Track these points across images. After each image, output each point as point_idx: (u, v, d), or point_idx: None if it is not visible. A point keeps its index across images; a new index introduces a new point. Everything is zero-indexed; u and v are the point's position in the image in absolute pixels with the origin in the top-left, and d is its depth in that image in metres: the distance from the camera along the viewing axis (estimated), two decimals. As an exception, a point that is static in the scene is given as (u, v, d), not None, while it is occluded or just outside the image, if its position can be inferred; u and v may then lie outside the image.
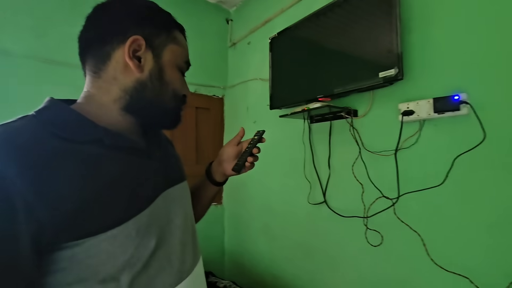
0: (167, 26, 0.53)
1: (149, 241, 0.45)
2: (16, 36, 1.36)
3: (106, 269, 0.39)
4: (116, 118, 0.49)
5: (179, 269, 0.50)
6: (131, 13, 0.50)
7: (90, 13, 0.50)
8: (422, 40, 1.01)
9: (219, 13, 2.21)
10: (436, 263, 0.94)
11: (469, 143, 0.88)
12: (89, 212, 0.38)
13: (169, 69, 0.53)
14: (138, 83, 0.49)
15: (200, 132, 2.09)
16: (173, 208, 0.53)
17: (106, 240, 0.39)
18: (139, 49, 0.48)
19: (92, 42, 0.49)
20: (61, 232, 0.35)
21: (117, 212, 0.41)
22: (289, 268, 1.55)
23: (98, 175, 0.41)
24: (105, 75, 0.48)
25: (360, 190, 1.18)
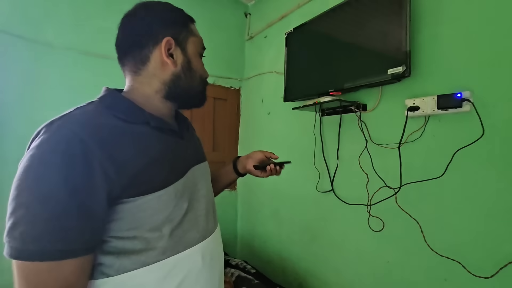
0: (185, 22, 0.62)
1: (183, 203, 0.56)
2: (58, 29, 1.52)
3: (152, 221, 0.51)
4: (157, 105, 0.61)
5: (204, 228, 0.62)
6: (157, 18, 0.59)
7: (121, 24, 0.59)
8: (430, 39, 1.06)
9: (238, 7, 2.28)
10: (431, 248, 1.02)
11: (469, 139, 0.93)
12: (143, 177, 0.49)
13: (194, 59, 0.63)
14: (174, 75, 0.60)
15: (217, 122, 2.21)
16: (199, 181, 0.65)
17: (153, 199, 0.50)
18: (171, 48, 0.59)
19: (130, 49, 0.58)
20: (124, 190, 0.47)
21: (161, 179, 0.53)
22: (296, 250, 1.66)
23: (149, 149, 0.52)
24: (145, 73, 0.59)
25: (365, 180, 1.26)
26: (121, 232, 0.49)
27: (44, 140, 0.44)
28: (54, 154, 0.42)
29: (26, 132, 0.47)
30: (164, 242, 0.52)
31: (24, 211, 0.41)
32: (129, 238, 0.49)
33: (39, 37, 1.48)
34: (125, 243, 0.49)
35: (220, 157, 2.23)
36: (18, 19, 1.43)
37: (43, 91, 1.48)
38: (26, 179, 0.42)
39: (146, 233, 0.50)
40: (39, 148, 0.43)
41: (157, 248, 0.51)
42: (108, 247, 0.48)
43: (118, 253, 0.49)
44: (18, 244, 0.40)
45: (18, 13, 1.44)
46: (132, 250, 0.49)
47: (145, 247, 0.50)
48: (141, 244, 0.50)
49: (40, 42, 1.48)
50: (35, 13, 1.47)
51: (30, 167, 0.42)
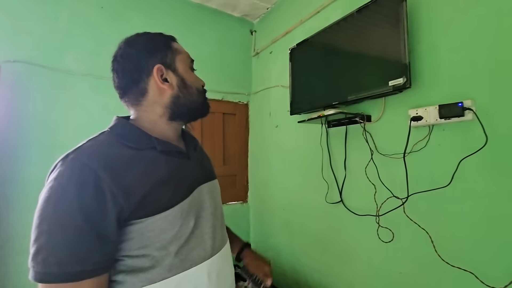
0: (167, 44, 0.66)
1: (189, 221, 0.60)
2: (76, 57, 1.64)
3: (160, 240, 0.55)
4: (164, 128, 0.66)
5: (211, 246, 0.64)
6: (142, 51, 0.62)
7: (113, 67, 0.64)
8: (429, 50, 1.08)
9: (244, 25, 2.38)
10: (443, 259, 1.00)
11: (474, 147, 0.94)
12: (150, 199, 0.54)
13: (186, 75, 0.66)
14: (173, 97, 0.64)
15: (227, 136, 2.28)
16: (207, 199, 0.67)
17: (160, 219, 0.55)
18: (163, 73, 0.63)
19: (128, 87, 0.63)
20: (132, 213, 0.52)
21: (167, 200, 0.57)
22: (308, 262, 1.66)
23: (155, 173, 0.57)
24: (146, 103, 0.64)
25: (373, 190, 1.26)
26: (132, 251, 0.53)
27: (61, 172, 0.49)
28: (69, 185, 0.48)
29: (49, 156, 0.53)
30: (170, 260, 0.56)
31: (46, 238, 0.46)
32: (139, 256, 0.54)
33: (59, 65, 1.60)
34: (135, 261, 0.53)
35: (230, 171, 2.28)
36: (40, 50, 1.56)
37: (63, 116, 1.59)
38: (46, 209, 0.47)
39: (154, 252, 0.54)
40: (56, 180, 0.49)
41: (163, 266, 0.55)
42: (120, 266, 0.53)
43: (128, 271, 0.53)
44: (41, 269, 0.45)
45: (40, 45, 1.57)
46: (140, 268, 0.53)
47: (153, 265, 0.54)
48: (149, 262, 0.54)
49: (60, 70, 1.60)
50: (55, 43, 1.60)
51: (49, 198, 0.48)
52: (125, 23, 1.81)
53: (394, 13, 1.12)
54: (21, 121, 1.50)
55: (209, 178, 0.73)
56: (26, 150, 1.49)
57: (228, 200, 2.25)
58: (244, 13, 2.27)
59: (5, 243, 1.43)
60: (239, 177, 2.32)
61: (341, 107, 1.40)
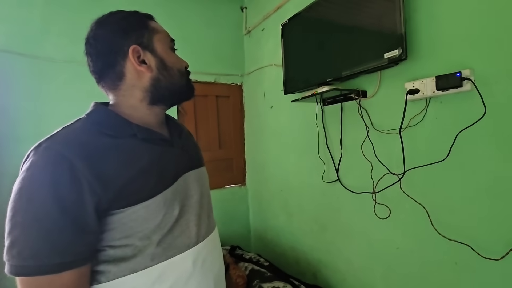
0: (143, 23, 0.61)
1: (173, 210, 0.58)
2: (57, 44, 1.57)
3: (143, 229, 0.53)
4: (144, 113, 0.62)
5: (196, 234, 0.63)
6: (115, 31, 0.58)
7: (86, 50, 0.60)
8: (426, 19, 1.02)
9: (234, 2, 2.26)
10: (439, 233, 1.00)
11: (472, 119, 0.90)
12: (130, 189, 0.52)
13: (166, 55, 0.62)
14: (153, 80, 0.60)
15: (222, 119, 2.23)
16: (192, 187, 0.65)
17: (142, 209, 0.53)
18: (140, 55, 0.59)
19: (103, 71, 0.59)
20: (112, 203, 0.50)
21: (149, 189, 0.54)
22: (307, 241, 1.68)
23: (135, 162, 0.54)
24: (124, 87, 0.60)
25: (369, 167, 1.24)
26: (114, 241, 0.51)
27: (33, 162, 0.47)
28: (43, 175, 0.45)
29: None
30: (152, 249, 0.54)
31: (20, 230, 0.44)
32: (121, 246, 0.52)
33: (39, 52, 1.53)
34: (117, 251, 0.52)
35: (227, 154, 2.26)
36: (17, 37, 1.49)
37: (47, 105, 1.55)
38: (19, 200, 0.45)
39: (137, 241, 0.53)
40: (29, 170, 0.46)
41: (145, 255, 0.54)
42: (102, 256, 0.51)
43: (110, 261, 0.52)
44: (17, 262, 0.43)
45: (17, 32, 1.49)
46: (122, 258, 0.52)
47: (135, 254, 0.53)
48: (131, 251, 0.52)
49: (40, 57, 1.53)
50: (33, 30, 1.53)
51: (22, 189, 0.45)
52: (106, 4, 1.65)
53: (389, -21, 1.05)
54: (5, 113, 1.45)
55: (196, 166, 0.70)
56: (10, 142, 1.46)
57: (226, 184, 2.25)
58: (233, -12, 2.16)
59: None
60: (236, 160, 2.31)
61: (335, 84, 1.35)
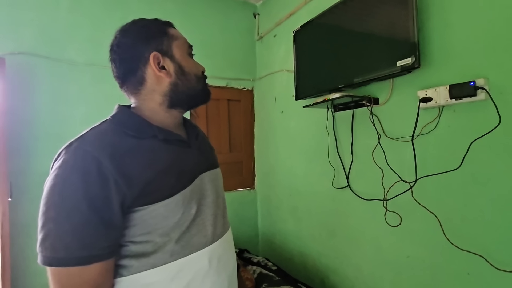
0: (163, 30, 0.64)
1: (191, 209, 0.60)
2: (79, 48, 1.64)
3: (163, 226, 0.56)
4: (164, 116, 0.65)
5: (212, 233, 0.65)
6: (137, 39, 0.61)
7: (110, 57, 0.64)
8: (440, 27, 1.03)
9: (247, 8, 2.31)
10: (451, 243, 0.99)
11: (485, 128, 0.90)
12: (151, 187, 0.54)
13: (184, 61, 0.65)
14: (171, 85, 0.63)
15: (232, 123, 2.26)
16: (208, 188, 0.68)
17: (162, 206, 0.55)
18: (160, 61, 0.62)
19: (126, 77, 0.63)
20: (135, 200, 0.52)
21: (169, 188, 0.57)
22: (315, 246, 1.68)
23: (156, 162, 0.57)
24: (145, 91, 0.63)
25: (380, 174, 1.24)
26: (135, 237, 0.54)
27: (65, 160, 0.50)
28: (73, 173, 0.49)
29: (57, 147, 0.54)
30: (171, 246, 0.57)
31: (53, 224, 0.47)
32: (142, 242, 0.55)
33: (63, 56, 1.60)
34: (138, 247, 0.54)
35: (237, 158, 2.28)
36: (43, 40, 1.57)
37: (69, 107, 1.61)
38: (52, 196, 0.48)
39: (157, 238, 0.55)
40: (60, 168, 0.50)
41: (165, 251, 0.56)
42: (124, 251, 0.54)
43: (132, 256, 0.54)
44: (50, 253, 0.47)
45: (42, 35, 1.57)
46: (143, 253, 0.55)
47: (155, 250, 0.55)
48: (152, 247, 0.55)
49: (63, 60, 1.60)
50: (57, 33, 1.60)
51: (55, 186, 0.49)
52: (126, 10, 1.78)
53: (402, -12, 1.06)
54: (28, 114, 1.52)
55: (211, 167, 0.73)
56: (34, 142, 1.52)
57: (235, 187, 2.27)
58: (246, -5, 2.20)
59: (21, 230, 1.49)
60: (246, 163, 2.33)
61: (347, 90, 1.36)
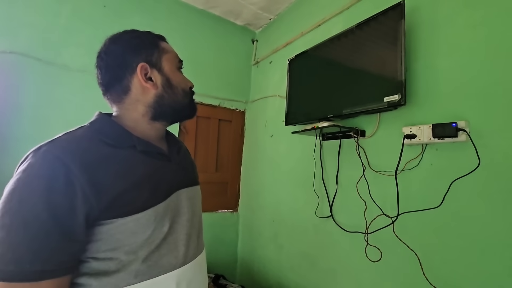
0: (154, 43, 0.64)
1: (163, 226, 0.57)
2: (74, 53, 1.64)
3: (130, 243, 0.52)
4: (146, 128, 0.64)
5: (184, 254, 0.61)
6: (127, 48, 0.61)
7: (97, 63, 0.62)
8: (426, 69, 1.08)
9: (246, 34, 2.39)
10: (430, 282, 0.97)
11: (466, 169, 0.92)
12: (123, 200, 0.51)
13: (172, 75, 0.65)
14: (157, 97, 0.63)
15: (221, 143, 2.25)
16: (184, 205, 0.65)
17: (132, 221, 0.52)
18: (147, 72, 0.62)
19: (110, 84, 0.62)
20: (103, 213, 0.49)
21: (141, 202, 0.54)
22: (294, 277, 1.61)
23: (131, 173, 0.55)
24: (128, 100, 0.62)
25: (363, 206, 1.23)
26: (99, 253, 0.50)
27: (30, 164, 0.47)
28: (38, 179, 0.45)
29: None
30: (137, 265, 0.53)
31: (6, 233, 0.43)
32: (105, 259, 0.50)
33: (56, 59, 1.59)
34: (100, 264, 0.50)
35: (222, 178, 2.25)
36: (38, 43, 1.56)
37: (56, 111, 1.57)
38: (9, 202, 0.44)
39: (122, 255, 0.51)
40: (25, 172, 0.46)
41: (129, 271, 0.52)
42: (84, 268, 0.50)
43: (92, 274, 0.50)
44: None
45: (39, 38, 1.56)
46: (105, 272, 0.50)
47: (118, 269, 0.51)
48: (115, 266, 0.51)
49: (55, 64, 1.59)
50: (54, 38, 1.60)
51: (14, 190, 0.45)
52: (127, 23, 1.80)
53: (392, 30, 1.13)
54: (12, 113, 1.47)
55: (191, 184, 0.70)
56: (14, 143, 1.46)
57: (218, 208, 2.21)
58: (247, 22, 2.29)
59: None
60: (231, 185, 2.29)
61: (336, 120, 1.39)
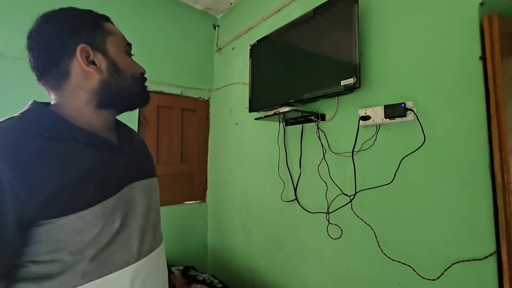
0: (97, 23, 0.58)
1: (113, 222, 0.53)
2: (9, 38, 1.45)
3: (76, 243, 0.48)
4: (90, 117, 0.58)
5: (138, 249, 0.58)
6: (63, 28, 0.54)
7: (28, 45, 0.55)
8: (378, 53, 1.12)
9: (207, 19, 2.31)
10: (384, 253, 1.04)
11: (413, 146, 0.98)
12: (63, 197, 0.47)
13: (119, 59, 0.59)
14: (102, 82, 0.57)
15: (186, 133, 2.19)
16: (139, 198, 0.61)
17: (76, 219, 0.47)
18: (89, 55, 0.56)
19: (45, 68, 0.55)
20: (39, 212, 0.44)
21: (87, 198, 0.50)
22: (263, 261, 1.65)
23: (72, 167, 0.49)
24: (68, 87, 0.56)
25: (325, 188, 1.28)
26: (38, 256, 0.46)
27: None
28: None
29: None
30: (84, 265, 0.49)
31: None
32: (46, 262, 0.46)
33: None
34: (41, 267, 0.46)
35: (189, 169, 2.20)
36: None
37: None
38: None
39: (67, 256, 0.47)
40: None
41: (75, 272, 0.48)
42: (22, 272, 0.45)
43: (30, 279, 0.46)
44: None
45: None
46: (46, 275, 0.46)
47: (62, 271, 0.47)
48: (58, 268, 0.47)
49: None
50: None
51: None
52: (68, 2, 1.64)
53: (347, 14, 1.15)
54: None
55: (146, 176, 0.66)
56: None
57: (185, 199, 2.16)
58: (206, 6, 2.20)
59: None
60: (198, 175, 2.25)
61: (297, 105, 1.41)
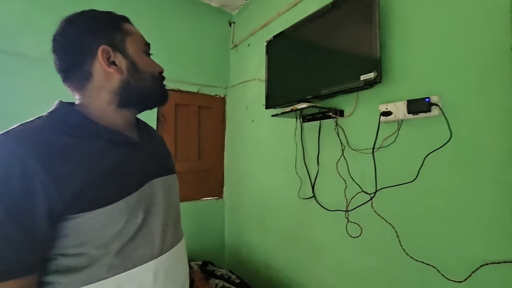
0: (117, 24, 0.60)
1: (136, 217, 0.55)
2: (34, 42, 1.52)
3: (101, 237, 0.50)
4: (112, 116, 0.60)
5: (160, 244, 0.59)
6: (85, 30, 0.57)
7: (53, 47, 0.57)
8: (400, 45, 1.08)
9: (222, 16, 2.31)
10: (407, 253, 1.01)
11: (438, 142, 0.94)
12: (89, 192, 0.49)
13: (138, 58, 0.61)
14: (122, 82, 0.59)
15: (203, 130, 2.21)
16: (159, 195, 0.62)
17: (101, 214, 0.49)
18: (110, 56, 0.57)
19: (70, 70, 0.57)
20: (68, 207, 0.46)
21: (111, 193, 0.52)
22: (280, 258, 1.65)
23: (97, 164, 0.51)
24: (91, 87, 0.58)
25: (344, 185, 1.26)
26: (67, 249, 0.48)
27: None
28: None
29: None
30: (109, 259, 0.51)
31: None
32: (74, 255, 0.48)
33: (16, 49, 1.47)
34: (70, 260, 0.48)
35: (206, 166, 2.22)
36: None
37: (16, 104, 1.47)
38: None
39: (93, 250, 0.49)
40: None
41: (101, 265, 0.50)
42: (52, 265, 0.47)
43: (61, 272, 0.48)
44: None
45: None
46: (74, 268, 0.48)
47: (89, 264, 0.49)
48: (86, 261, 0.49)
49: (13, 53, 1.47)
50: (13, 26, 1.48)
51: None
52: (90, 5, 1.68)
53: (367, 7, 1.11)
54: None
55: (165, 172, 0.68)
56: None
57: (202, 196, 2.20)
58: (222, 3, 2.21)
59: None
60: (215, 172, 2.27)
61: (315, 102, 1.38)
